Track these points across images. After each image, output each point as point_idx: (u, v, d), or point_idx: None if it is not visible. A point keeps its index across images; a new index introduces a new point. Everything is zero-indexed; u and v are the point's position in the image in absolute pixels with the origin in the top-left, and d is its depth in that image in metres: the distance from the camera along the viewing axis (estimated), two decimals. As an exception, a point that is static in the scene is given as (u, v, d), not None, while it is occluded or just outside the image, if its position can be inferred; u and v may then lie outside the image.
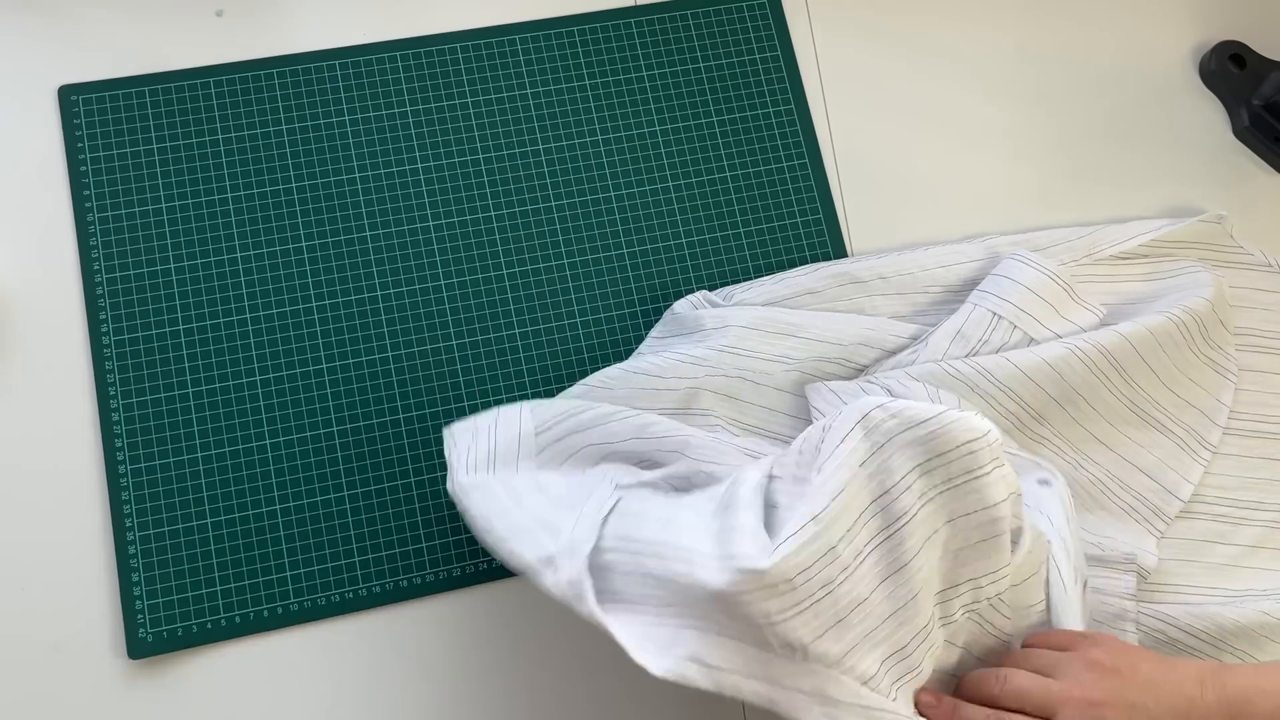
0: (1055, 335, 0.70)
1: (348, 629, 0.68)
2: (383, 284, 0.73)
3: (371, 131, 0.76)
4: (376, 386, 0.71)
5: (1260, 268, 0.77)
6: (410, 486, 0.70)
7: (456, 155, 0.76)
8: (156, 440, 0.69)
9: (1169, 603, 0.67)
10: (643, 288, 0.75)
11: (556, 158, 0.77)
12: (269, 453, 0.69)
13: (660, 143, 0.78)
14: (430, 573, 0.69)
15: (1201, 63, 0.83)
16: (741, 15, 0.81)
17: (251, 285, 0.72)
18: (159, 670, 0.66)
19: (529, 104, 0.77)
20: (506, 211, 0.75)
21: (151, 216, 0.73)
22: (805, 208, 0.77)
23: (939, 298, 0.74)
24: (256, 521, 0.68)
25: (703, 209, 0.77)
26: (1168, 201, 0.80)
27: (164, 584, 0.67)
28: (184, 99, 0.75)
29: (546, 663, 0.68)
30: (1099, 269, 0.75)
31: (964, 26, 0.82)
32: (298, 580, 0.68)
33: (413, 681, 0.67)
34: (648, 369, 0.68)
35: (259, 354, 0.71)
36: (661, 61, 0.79)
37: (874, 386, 0.68)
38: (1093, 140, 0.81)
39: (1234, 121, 0.82)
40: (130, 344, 0.70)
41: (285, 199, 0.74)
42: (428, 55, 0.77)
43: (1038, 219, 0.79)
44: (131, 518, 0.67)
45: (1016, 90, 0.81)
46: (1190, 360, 0.72)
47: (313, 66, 0.76)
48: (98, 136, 0.73)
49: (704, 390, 0.69)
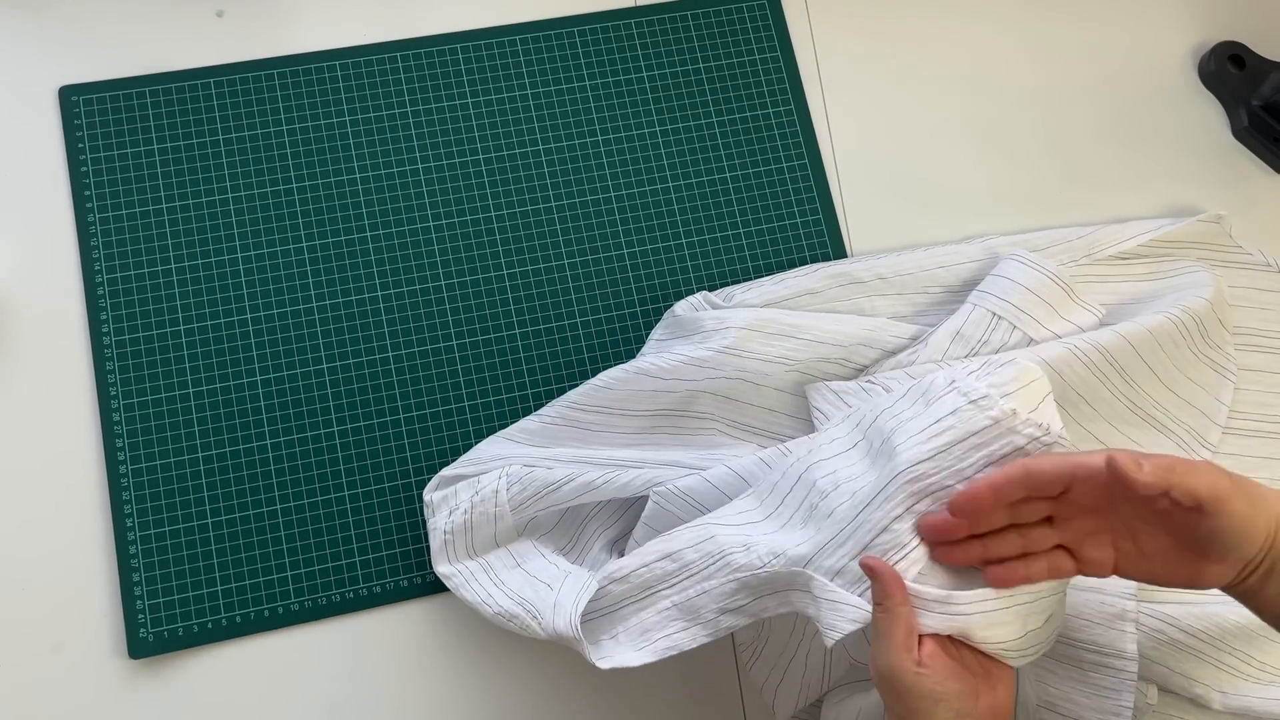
0: (1054, 335, 0.70)
1: (348, 629, 0.68)
2: (383, 284, 0.73)
3: (371, 131, 0.76)
4: (376, 386, 0.71)
5: (1259, 267, 0.78)
6: (410, 486, 0.70)
7: (456, 155, 0.76)
8: (157, 440, 0.69)
9: (1169, 602, 0.67)
10: (643, 288, 0.75)
11: (556, 158, 0.77)
12: (269, 453, 0.69)
13: (660, 143, 0.78)
14: (430, 572, 0.69)
15: (1201, 63, 0.83)
16: (741, 15, 0.81)
17: (251, 285, 0.72)
18: (159, 670, 0.66)
19: (529, 104, 0.77)
20: (506, 211, 0.75)
21: (151, 216, 0.73)
22: (805, 208, 0.78)
23: (939, 298, 0.74)
24: (257, 521, 0.68)
25: (703, 209, 0.77)
26: (1167, 201, 0.80)
27: (164, 584, 0.67)
28: (184, 99, 0.75)
29: (546, 662, 0.68)
30: (1098, 269, 0.75)
31: (964, 27, 0.82)
32: (298, 580, 0.68)
33: (412, 681, 0.67)
34: (648, 370, 0.68)
35: (259, 354, 0.71)
36: (661, 61, 0.79)
37: (874, 387, 0.68)
38: (1092, 140, 0.81)
39: (1233, 122, 0.82)
40: (130, 344, 0.70)
41: (285, 199, 0.74)
42: (428, 55, 0.77)
43: (1037, 219, 0.79)
44: (132, 518, 0.67)
45: (1016, 90, 0.82)
46: (1190, 360, 0.72)
47: (313, 67, 0.76)
48: (98, 136, 0.73)
49: (703, 392, 0.69)
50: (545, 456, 0.67)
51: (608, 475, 0.65)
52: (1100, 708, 0.62)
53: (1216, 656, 0.65)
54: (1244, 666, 0.65)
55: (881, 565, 0.51)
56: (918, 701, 0.50)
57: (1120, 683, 0.61)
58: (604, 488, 0.65)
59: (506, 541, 0.66)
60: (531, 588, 0.63)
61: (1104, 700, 0.62)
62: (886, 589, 0.51)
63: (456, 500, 0.66)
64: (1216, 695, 0.65)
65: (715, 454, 0.69)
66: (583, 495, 0.65)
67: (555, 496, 0.65)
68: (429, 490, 0.68)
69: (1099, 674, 0.62)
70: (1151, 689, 0.65)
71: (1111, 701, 0.61)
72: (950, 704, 0.50)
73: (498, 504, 0.65)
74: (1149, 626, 0.65)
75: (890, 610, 0.50)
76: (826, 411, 0.68)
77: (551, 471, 0.65)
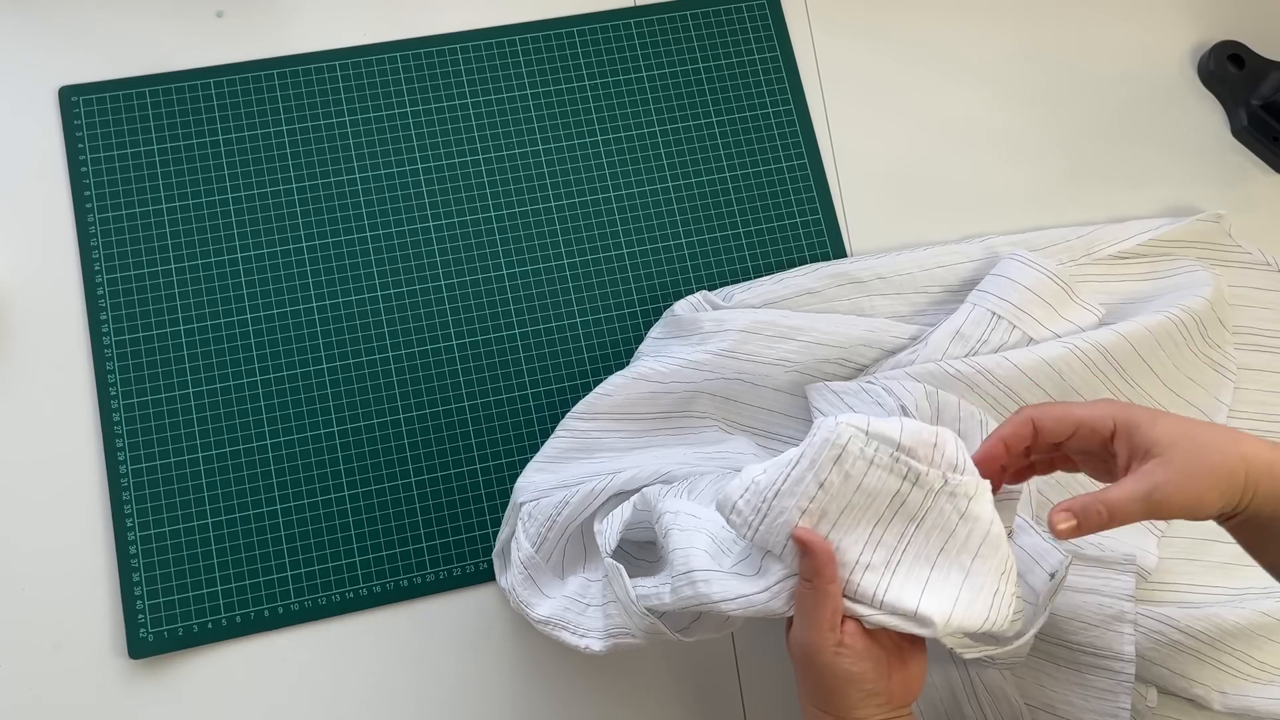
0: (1054, 335, 0.70)
1: (348, 629, 0.68)
2: (383, 284, 0.73)
3: (371, 131, 0.76)
4: (376, 386, 0.71)
5: (1259, 266, 0.78)
6: (410, 486, 0.70)
7: (456, 155, 0.76)
8: (157, 440, 0.69)
9: (1168, 603, 0.67)
10: (643, 288, 0.75)
11: (556, 158, 0.77)
12: (269, 453, 0.70)
13: (660, 143, 0.78)
14: (430, 573, 0.69)
15: (1200, 63, 0.83)
16: (741, 15, 0.81)
17: (251, 285, 0.72)
18: (159, 670, 0.66)
19: (529, 104, 0.77)
20: (506, 211, 0.75)
21: (151, 216, 0.73)
22: (805, 208, 0.78)
23: (938, 298, 0.74)
24: (257, 521, 0.68)
25: (703, 209, 0.77)
26: (1166, 201, 0.80)
27: (164, 584, 0.67)
28: (184, 99, 0.75)
29: (546, 662, 0.68)
30: (1098, 268, 0.75)
31: (963, 26, 0.82)
32: (298, 580, 0.68)
33: (413, 681, 0.67)
34: (647, 374, 0.68)
35: (259, 354, 0.71)
36: (661, 61, 0.79)
37: (874, 387, 0.68)
38: (1091, 140, 0.81)
39: (1232, 121, 0.82)
40: (130, 344, 0.70)
41: (285, 199, 0.74)
42: (428, 55, 0.77)
43: (1037, 219, 0.79)
44: (132, 518, 0.68)
45: (1016, 90, 0.82)
46: (1189, 359, 0.72)
47: (313, 67, 0.76)
48: (98, 137, 0.74)
49: (702, 393, 0.69)
50: (556, 485, 0.66)
51: (607, 480, 0.65)
52: (1098, 710, 0.62)
53: (1216, 657, 0.65)
54: (1244, 667, 0.65)
55: (814, 538, 0.51)
56: (832, 680, 0.51)
57: (1118, 684, 0.61)
58: (607, 489, 0.65)
59: (559, 577, 0.66)
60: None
61: (1102, 702, 0.62)
62: (817, 566, 0.51)
63: (508, 565, 0.66)
64: (1217, 696, 0.65)
65: (719, 449, 0.69)
66: (590, 503, 0.64)
67: (566, 513, 0.64)
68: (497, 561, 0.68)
69: (1096, 676, 0.62)
70: (1151, 691, 0.65)
71: (1109, 704, 0.61)
72: (863, 685, 0.51)
73: (520, 550, 0.65)
74: (1148, 628, 0.65)
75: (819, 589, 0.51)
76: (827, 412, 0.68)
77: (554, 495, 0.65)
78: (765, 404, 0.70)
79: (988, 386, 0.68)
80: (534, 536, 0.64)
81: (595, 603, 0.62)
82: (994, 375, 0.68)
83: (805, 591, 0.51)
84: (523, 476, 0.67)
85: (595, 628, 0.61)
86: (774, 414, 0.71)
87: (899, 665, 0.52)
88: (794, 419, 0.71)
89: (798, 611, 0.52)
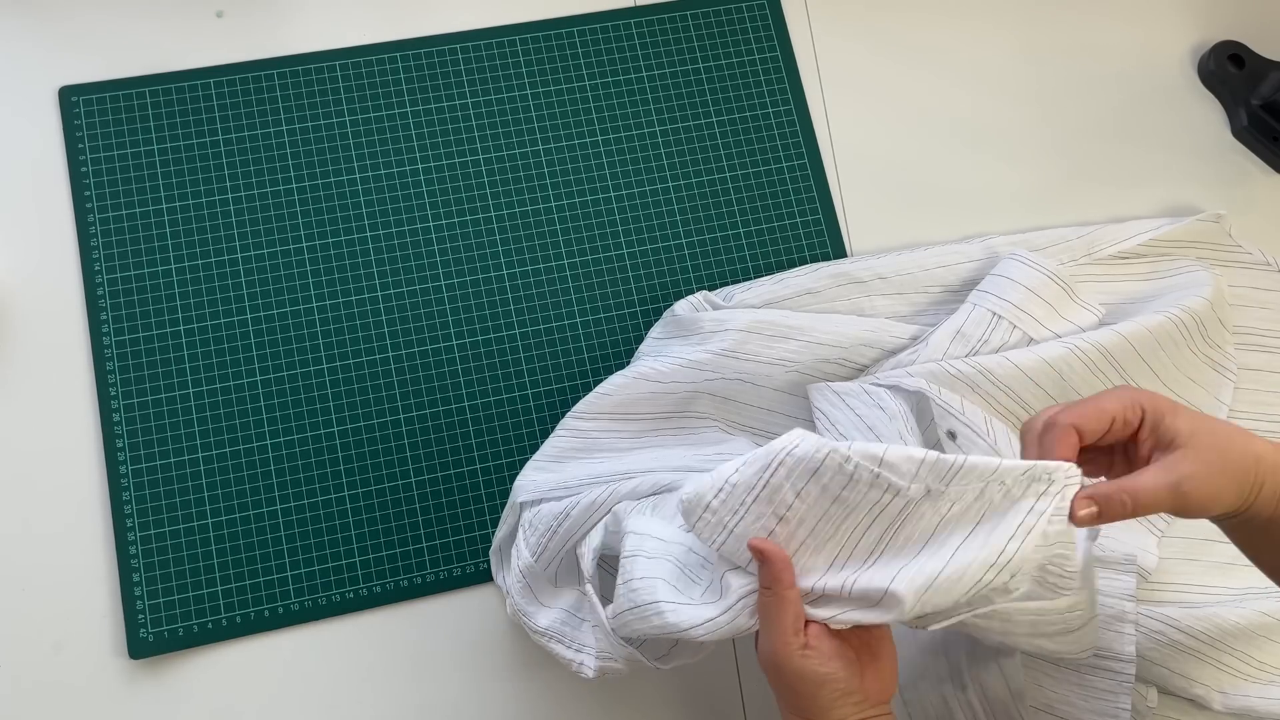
0: (1054, 335, 0.70)
1: (348, 629, 0.68)
2: (383, 284, 0.73)
3: (371, 131, 0.76)
4: (376, 386, 0.71)
5: (1259, 266, 0.78)
6: (410, 486, 0.70)
7: (456, 155, 0.76)
8: (157, 440, 0.69)
9: (1169, 603, 0.67)
10: (643, 288, 0.75)
11: (556, 158, 0.77)
12: (269, 453, 0.69)
13: (660, 143, 0.78)
14: (430, 573, 0.69)
15: (1200, 63, 0.83)
16: (741, 15, 0.81)
17: (251, 285, 0.72)
18: (159, 670, 0.66)
19: (529, 104, 0.77)
20: (506, 211, 0.75)
21: (151, 216, 0.73)
22: (805, 208, 0.78)
23: (938, 298, 0.74)
24: (257, 521, 0.68)
25: (703, 209, 0.77)
26: (1166, 201, 0.80)
27: (164, 584, 0.67)
28: (184, 99, 0.75)
29: (546, 662, 0.68)
30: (1098, 268, 0.75)
31: (964, 27, 0.82)
32: (298, 580, 0.68)
33: (413, 681, 0.67)
34: (648, 374, 0.68)
35: (259, 354, 0.71)
36: (661, 61, 0.79)
37: (875, 388, 0.68)
38: (1092, 140, 0.81)
39: (1232, 121, 0.82)
40: (130, 344, 0.70)
41: (285, 199, 0.74)
42: (428, 55, 0.77)
43: (1037, 219, 0.79)
44: (132, 518, 0.68)
45: (1016, 90, 0.82)
46: (1189, 359, 0.72)
47: (313, 67, 0.76)
48: (98, 137, 0.74)
49: (702, 394, 0.69)
50: (555, 486, 0.66)
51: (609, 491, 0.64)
52: (1098, 710, 0.62)
53: (1217, 657, 0.65)
54: (1244, 667, 0.65)
55: (770, 547, 0.51)
56: (803, 684, 0.51)
57: (1118, 685, 0.61)
58: (608, 501, 0.64)
59: (559, 587, 0.66)
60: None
61: (1102, 702, 0.62)
62: (775, 574, 0.50)
63: (506, 565, 0.67)
64: (1217, 696, 0.65)
65: (719, 450, 0.69)
66: (591, 515, 0.64)
67: (567, 525, 0.64)
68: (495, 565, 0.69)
69: (1096, 676, 0.62)
70: (1151, 692, 0.65)
71: (1109, 704, 0.61)
72: (835, 685, 0.50)
73: (521, 562, 0.65)
74: (1149, 628, 0.65)
75: (778, 595, 0.50)
76: (827, 412, 0.68)
77: (558, 503, 0.65)
78: (765, 404, 0.70)
79: (988, 386, 0.68)
80: (534, 546, 0.64)
81: (590, 619, 0.62)
82: (994, 375, 0.68)
83: (766, 599, 0.51)
84: (522, 475, 0.67)
85: (589, 644, 0.61)
86: (774, 414, 0.71)
87: (870, 662, 0.52)
88: (794, 419, 0.71)
89: (761, 620, 0.52)
